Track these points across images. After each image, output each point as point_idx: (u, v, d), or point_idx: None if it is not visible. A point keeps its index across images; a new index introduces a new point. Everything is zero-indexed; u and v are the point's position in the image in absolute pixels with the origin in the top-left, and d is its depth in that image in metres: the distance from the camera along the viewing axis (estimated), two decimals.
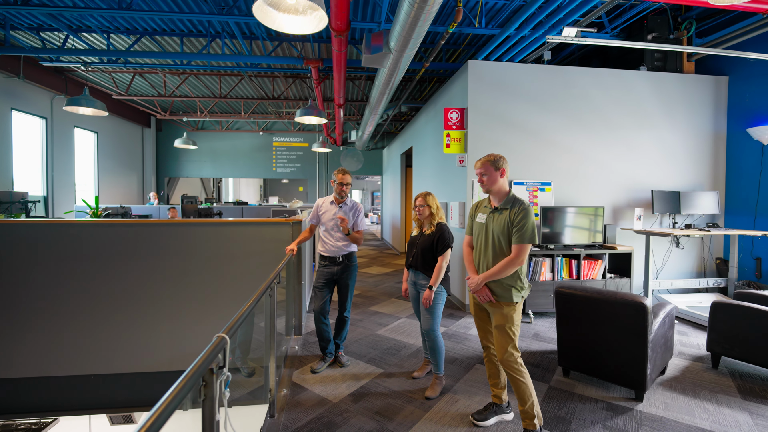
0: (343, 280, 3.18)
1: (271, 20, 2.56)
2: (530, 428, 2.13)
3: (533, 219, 2.13)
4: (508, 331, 2.17)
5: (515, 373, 2.14)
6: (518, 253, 2.11)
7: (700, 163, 5.05)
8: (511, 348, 2.15)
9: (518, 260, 2.11)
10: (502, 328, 2.18)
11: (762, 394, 2.68)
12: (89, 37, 5.65)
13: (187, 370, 0.95)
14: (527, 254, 2.14)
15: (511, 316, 2.17)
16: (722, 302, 3.03)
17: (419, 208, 2.77)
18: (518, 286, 2.18)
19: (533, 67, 4.72)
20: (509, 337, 2.16)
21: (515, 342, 2.17)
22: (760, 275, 4.64)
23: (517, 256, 2.11)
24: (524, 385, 2.13)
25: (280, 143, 12.03)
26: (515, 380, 2.15)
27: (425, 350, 3.02)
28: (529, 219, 2.11)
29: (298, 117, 5.77)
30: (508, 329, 2.17)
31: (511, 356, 2.15)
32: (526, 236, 2.09)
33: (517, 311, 2.19)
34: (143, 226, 3.59)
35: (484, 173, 2.22)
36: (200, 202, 8.62)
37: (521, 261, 2.12)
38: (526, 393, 2.13)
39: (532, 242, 2.12)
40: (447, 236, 2.68)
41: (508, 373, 2.18)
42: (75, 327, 3.37)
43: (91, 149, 8.64)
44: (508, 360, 2.16)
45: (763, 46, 4.47)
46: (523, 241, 2.10)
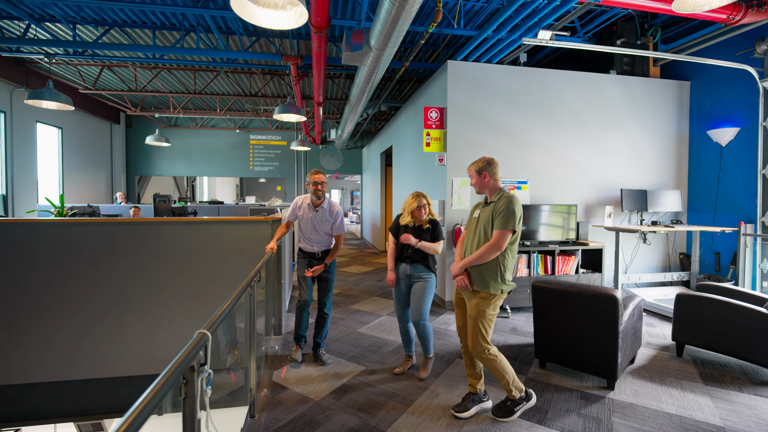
0: (323, 275, 3.22)
1: (250, 14, 2.51)
2: (512, 398, 2.32)
3: (516, 208, 2.20)
4: (479, 324, 2.24)
5: (487, 362, 2.27)
6: (497, 238, 2.18)
7: (665, 163, 5.32)
8: (481, 340, 2.24)
9: (496, 245, 2.18)
10: (473, 320, 2.26)
11: (721, 379, 2.86)
12: (53, 27, 5.36)
13: (168, 366, 0.93)
14: (507, 241, 2.19)
15: (483, 310, 2.24)
16: (685, 294, 3.20)
17: (425, 207, 2.91)
18: (497, 279, 2.23)
19: (510, 68, 4.84)
20: (479, 328, 2.25)
21: (486, 334, 2.25)
22: (719, 268, 4.94)
23: (495, 241, 2.18)
24: (498, 367, 2.27)
25: (258, 141, 11.80)
26: (489, 366, 2.27)
27: (406, 348, 3.06)
28: (509, 206, 2.19)
29: (276, 114, 5.69)
30: (479, 322, 2.24)
31: (481, 348, 2.25)
32: (507, 223, 2.17)
33: (493, 305, 2.25)
34: (113, 225, 3.44)
35: (471, 177, 2.43)
36: (174, 201, 8.35)
37: (499, 246, 2.18)
38: (500, 372, 2.28)
39: (511, 229, 2.18)
40: (439, 229, 2.93)
41: (482, 362, 2.28)
42: (38, 331, 3.19)
43: (54, 145, 8.20)
44: (477, 351, 2.26)
45: (722, 53, 4.76)
46: (503, 227, 2.17)
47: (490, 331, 2.27)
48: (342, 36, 5.38)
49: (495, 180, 2.36)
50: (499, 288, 2.23)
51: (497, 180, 2.37)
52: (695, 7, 2.74)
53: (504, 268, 2.25)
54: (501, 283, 2.24)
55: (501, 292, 2.24)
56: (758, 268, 4.52)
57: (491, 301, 2.24)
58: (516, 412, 2.32)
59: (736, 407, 2.48)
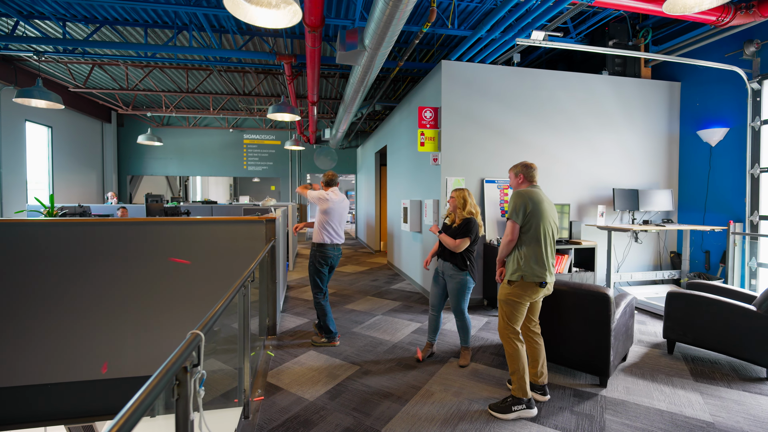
0: None
1: (243, 13, 2.50)
2: (514, 394, 2.40)
3: (519, 200, 2.40)
4: (502, 307, 2.47)
5: (506, 345, 2.45)
6: (506, 229, 2.45)
7: (656, 163, 5.38)
8: (504, 323, 2.45)
9: (505, 236, 2.46)
10: (499, 303, 2.50)
11: (711, 375, 2.90)
12: (42, 25, 5.29)
13: (161, 367, 0.92)
14: (513, 231, 2.41)
15: (504, 293, 2.45)
16: (676, 292, 3.25)
17: (450, 200, 3.10)
18: (514, 266, 2.42)
19: (504, 68, 4.87)
20: (502, 311, 2.47)
21: (509, 318, 2.43)
22: (709, 267, 5.01)
23: (505, 233, 2.46)
24: (515, 355, 2.41)
25: (252, 141, 11.74)
26: (506, 349, 2.46)
27: (430, 335, 3.28)
28: (514, 199, 2.42)
29: (270, 113, 5.66)
30: (501, 305, 2.47)
31: (504, 329, 2.46)
32: (510, 213, 2.44)
33: (514, 291, 2.41)
34: (105, 225, 3.40)
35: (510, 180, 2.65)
36: (166, 201, 8.27)
37: (506, 235, 2.44)
38: (514, 362, 2.41)
39: (511, 219, 2.42)
40: (470, 228, 2.97)
41: (502, 341, 2.48)
42: (27, 334, 3.14)
43: (44, 145, 8.08)
44: (500, 331, 2.49)
45: (712, 54, 4.83)
46: (507, 217, 2.46)
47: (514, 318, 2.42)
48: (336, 35, 5.36)
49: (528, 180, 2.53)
50: (518, 274, 2.38)
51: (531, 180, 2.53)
52: (685, 8, 2.78)
53: (521, 256, 2.40)
54: (519, 270, 2.39)
55: (521, 279, 2.37)
56: (747, 266, 4.60)
57: (511, 287, 2.41)
58: (513, 412, 2.34)
59: (726, 403, 2.52)
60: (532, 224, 2.37)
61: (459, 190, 3.05)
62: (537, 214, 2.38)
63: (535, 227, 2.38)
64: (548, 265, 2.40)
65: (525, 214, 2.37)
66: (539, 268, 2.37)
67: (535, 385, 2.57)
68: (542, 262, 2.38)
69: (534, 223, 2.37)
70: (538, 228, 2.38)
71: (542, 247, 2.38)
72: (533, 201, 2.38)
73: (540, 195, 2.44)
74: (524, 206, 2.37)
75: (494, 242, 4.51)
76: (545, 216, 2.40)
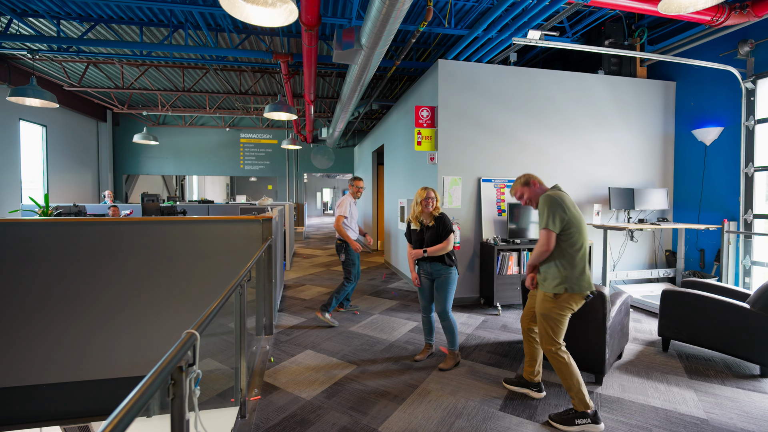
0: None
1: (239, 11, 2.49)
2: (575, 407, 2.24)
3: (551, 205, 2.24)
4: (544, 322, 2.31)
5: (553, 361, 2.28)
6: (540, 238, 2.28)
7: (652, 162, 5.41)
8: (548, 338, 2.29)
9: (541, 245, 2.26)
10: (540, 316, 2.34)
11: (705, 372, 2.93)
12: (36, 23, 5.25)
13: (156, 366, 0.92)
14: (550, 240, 2.23)
15: (547, 307, 2.29)
16: (671, 290, 3.27)
17: (429, 200, 3.00)
18: (554, 276, 2.26)
19: (500, 67, 4.88)
20: (544, 326, 2.31)
21: (552, 333, 2.27)
22: (703, 265, 5.05)
23: (538, 242, 2.29)
24: (564, 369, 2.25)
25: (248, 140, 11.71)
26: (554, 366, 2.29)
27: (426, 336, 3.26)
28: (545, 206, 2.25)
29: (267, 112, 5.65)
30: (544, 320, 2.31)
31: (548, 345, 2.29)
32: (542, 222, 2.27)
33: (558, 304, 2.25)
34: (100, 224, 3.38)
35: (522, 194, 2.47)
36: (162, 200, 8.23)
37: (542, 245, 2.26)
38: (565, 377, 2.25)
39: (548, 227, 2.22)
40: (448, 223, 3.00)
41: (549, 359, 2.31)
42: (22, 334, 3.12)
43: (38, 144, 8.02)
44: (545, 347, 2.32)
45: (707, 54, 4.85)
46: (540, 227, 2.28)
47: (559, 331, 2.27)
48: (333, 34, 5.35)
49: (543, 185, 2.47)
50: (562, 286, 2.22)
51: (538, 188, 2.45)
52: (680, 8, 2.79)
53: (564, 267, 2.23)
54: (560, 281, 2.22)
55: (565, 291, 2.21)
56: (741, 264, 4.63)
57: (556, 301, 2.25)
58: (577, 425, 2.17)
59: (719, 400, 2.54)
60: (573, 232, 2.23)
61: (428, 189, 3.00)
62: (576, 219, 2.25)
63: (576, 234, 2.23)
64: (589, 273, 2.28)
65: (562, 220, 2.21)
66: (585, 278, 2.23)
67: (531, 383, 2.58)
68: (587, 272, 2.25)
69: (575, 232, 2.23)
70: (580, 235, 2.24)
71: (585, 256, 2.24)
72: (568, 205, 2.25)
73: (570, 198, 2.32)
74: (561, 212, 2.22)
75: (490, 241, 4.52)
76: (583, 221, 2.28)
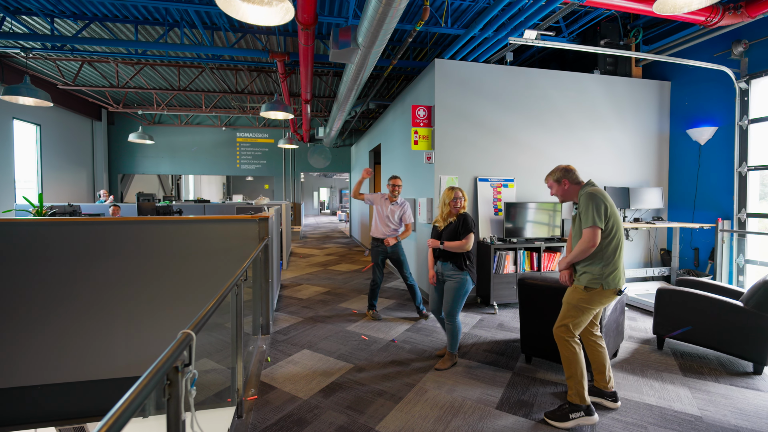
0: (395, 255, 4.15)
1: (235, 10, 2.48)
2: (571, 400, 2.29)
3: (596, 201, 2.23)
4: (568, 308, 2.35)
5: (562, 347, 2.33)
6: (586, 236, 2.25)
7: (647, 161, 5.45)
8: (565, 324, 2.33)
9: (587, 243, 2.23)
10: (565, 304, 2.38)
11: (700, 370, 2.95)
12: (30, 21, 5.20)
13: (151, 367, 0.91)
14: (596, 237, 2.21)
15: (575, 297, 2.31)
16: (666, 289, 3.30)
17: (457, 200, 2.99)
18: (590, 271, 2.27)
19: (497, 67, 4.89)
20: (567, 313, 2.35)
21: (572, 320, 2.31)
22: (698, 264, 5.09)
23: (584, 239, 2.25)
24: (572, 359, 2.30)
25: (245, 139, 11.66)
26: (562, 352, 2.34)
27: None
28: (589, 203, 2.25)
29: (263, 112, 5.63)
30: (569, 307, 2.34)
31: (563, 330, 2.33)
32: (588, 220, 2.24)
33: (588, 298, 2.26)
34: (95, 224, 3.35)
35: (551, 188, 2.57)
36: (158, 200, 8.19)
37: (587, 242, 2.23)
38: (571, 366, 2.30)
39: (594, 224, 2.21)
40: (470, 222, 2.94)
41: (557, 342, 2.35)
42: (16, 335, 3.10)
43: (32, 143, 7.95)
44: (558, 331, 2.36)
45: (701, 54, 4.89)
46: (586, 224, 2.24)
47: (579, 324, 2.31)
48: (329, 33, 5.34)
49: (575, 183, 2.44)
50: (599, 282, 2.23)
51: (578, 182, 2.44)
52: (675, 8, 2.81)
53: (601, 263, 2.24)
54: (599, 278, 2.23)
55: (601, 287, 2.23)
56: (735, 262, 4.68)
57: (587, 294, 2.27)
58: (571, 419, 2.22)
59: (713, 397, 2.56)
60: (613, 228, 2.24)
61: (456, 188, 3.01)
62: (615, 215, 2.26)
63: (616, 231, 2.25)
64: (623, 269, 2.29)
65: (606, 216, 2.23)
66: (619, 275, 2.24)
67: (605, 392, 2.46)
68: (621, 269, 2.26)
69: (614, 228, 2.24)
70: (618, 232, 2.25)
71: (620, 252, 2.26)
72: (607, 200, 2.26)
73: (606, 193, 2.31)
74: (605, 208, 2.23)
75: (487, 240, 4.53)
76: (618, 215, 2.29)
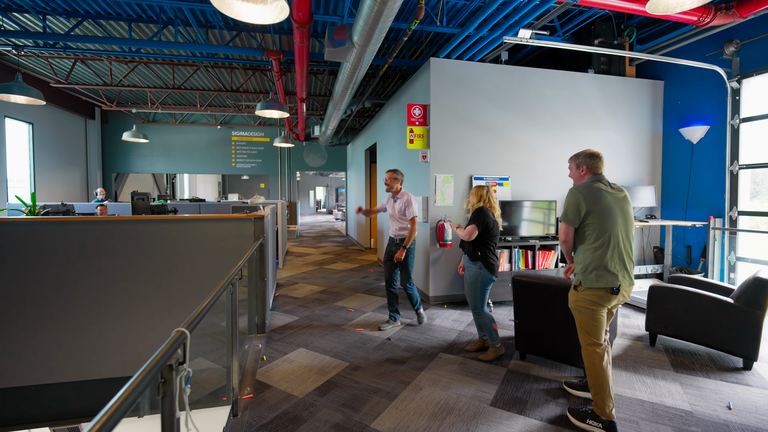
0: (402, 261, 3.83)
1: (229, 8, 2.47)
2: (594, 410, 2.22)
3: (572, 199, 2.24)
4: (575, 315, 2.32)
5: (587, 358, 2.25)
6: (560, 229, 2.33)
7: (640, 160, 5.49)
8: (583, 332, 2.27)
9: (559, 236, 2.34)
10: (571, 310, 2.35)
11: (691, 366, 2.99)
12: (21, 18, 5.14)
13: (145, 365, 0.92)
14: (564, 232, 2.28)
15: (571, 300, 2.31)
16: (658, 286, 3.33)
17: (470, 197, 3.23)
18: (577, 270, 2.27)
19: (492, 66, 4.90)
20: (577, 319, 2.31)
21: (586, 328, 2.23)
22: (690, 261, 5.14)
23: (559, 232, 2.34)
24: (590, 371, 2.23)
25: (240, 138, 11.61)
26: (585, 361, 2.27)
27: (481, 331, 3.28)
28: (567, 198, 2.28)
29: (258, 110, 5.61)
30: (573, 312, 2.32)
31: (583, 340, 2.27)
32: (562, 213, 2.31)
33: (582, 297, 2.21)
34: (89, 224, 3.33)
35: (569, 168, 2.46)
36: (153, 199, 8.14)
37: (560, 236, 2.33)
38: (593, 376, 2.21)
39: (564, 221, 2.28)
40: (477, 216, 3.06)
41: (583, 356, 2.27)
42: (10, 334, 3.07)
43: (25, 142, 7.87)
44: (582, 344, 2.29)
45: (694, 54, 4.93)
46: (560, 218, 2.32)
47: (591, 328, 2.21)
48: (325, 31, 5.33)
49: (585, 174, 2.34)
50: (577, 279, 2.24)
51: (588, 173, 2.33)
52: (668, 8, 2.84)
53: (583, 260, 2.22)
54: (579, 273, 2.23)
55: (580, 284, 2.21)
56: (726, 260, 4.73)
57: (578, 294, 2.24)
58: (587, 424, 2.20)
59: (704, 393, 2.60)
60: (593, 225, 2.18)
61: (477, 188, 3.17)
62: (600, 212, 2.17)
63: (597, 228, 2.17)
64: (617, 268, 2.15)
65: (579, 214, 2.19)
66: (601, 273, 2.14)
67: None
68: (607, 266, 2.14)
69: (595, 224, 2.17)
70: (603, 228, 2.16)
71: (608, 249, 2.15)
72: (591, 199, 2.17)
73: (601, 191, 2.20)
74: (577, 206, 2.20)
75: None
76: (610, 213, 2.17)
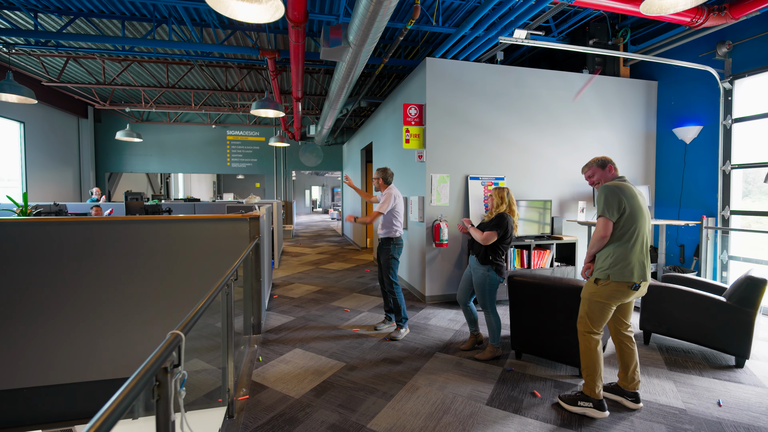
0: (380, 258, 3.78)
1: (224, 7, 2.46)
2: (585, 391, 2.37)
3: (607, 194, 2.29)
4: (584, 305, 2.40)
5: (582, 341, 2.39)
6: (596, 225, 2.34)
7: (634, 159, 5.54)
8: (583, 321, 2.38)
9: (596, 232, 2.34)
10: (582, 299, 2.43)
11: (684, 364, 3.02)
12: (12, 15, 5.07)
13: (140, 368, 0.91)
14: (604, 227, 2.28)
15: (588, 291, 2.37)
16: (652, 285, 3.36)
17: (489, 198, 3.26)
18: (603, 265, 2.30)
19: (487, 66, 4.91)
20: (581, 307, 2.41)
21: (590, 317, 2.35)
22: (683, 260, 5.19)
23: (596, 229, 2.34)
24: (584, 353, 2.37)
25: (235, 137, 11.55)
26: (581, 347, 2.40)
27: (470, 327, 3.37)
28: (602, 194, 2.32)
29: (253, 110, 5.58)
30: (585, 303, 2.39)
31: (583, 327, 2.39)
32: (599, 210, 2.33)
33: (598, 292, 2.30)
34: (82, 224, 3.30)
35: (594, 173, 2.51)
36: (147, 198, 8.07)
37: (598, 232, 2.32)
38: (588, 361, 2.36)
39: (604, 215, 2.29)
40: (498, 222, 3.02)
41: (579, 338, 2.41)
42: (3, 336, 3.04)
43: (16, 141, 7.78)
44: (577, 325, 2.43)
45: (687, 54, 4.98)
46: (598, 214, 2.34)
47: (597, 320, 2.33)
48: (320, 30, 5.31)
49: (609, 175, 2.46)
50: (605, 272, 2.27)
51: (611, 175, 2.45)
52: (661, 9, 2.86)
53: (611, 255, 2.27)
54: (606, 268, 2.27)
55: (608, 278, 2.26)
56: (719, 259, 4.78)
57: (597, 287, 2.31)
58: (579, 406, 2.33)
59: (697, 390, 2.63)
60: (627, 221, 2.25)
61: (497, 189, 3.15)
62: (633, 210, 2.26)
63: (630, 224, 2.25)
64: (645, 264, 2.27)
65: (619, 209, 2.25)
66: (630, 268, 2.23)
67: (626, 391, 2.46)
68: (638, 264, 2.24)
69: (628, 220, 2.25)
70: (634, 225, 2.25)
71: (637, 246, 2.25)
72: (626, 195, 2.26)
73: (632, 189, 2.31)
74: (619, 201, 2.25)
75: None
76: (641, 211, 2.28)
